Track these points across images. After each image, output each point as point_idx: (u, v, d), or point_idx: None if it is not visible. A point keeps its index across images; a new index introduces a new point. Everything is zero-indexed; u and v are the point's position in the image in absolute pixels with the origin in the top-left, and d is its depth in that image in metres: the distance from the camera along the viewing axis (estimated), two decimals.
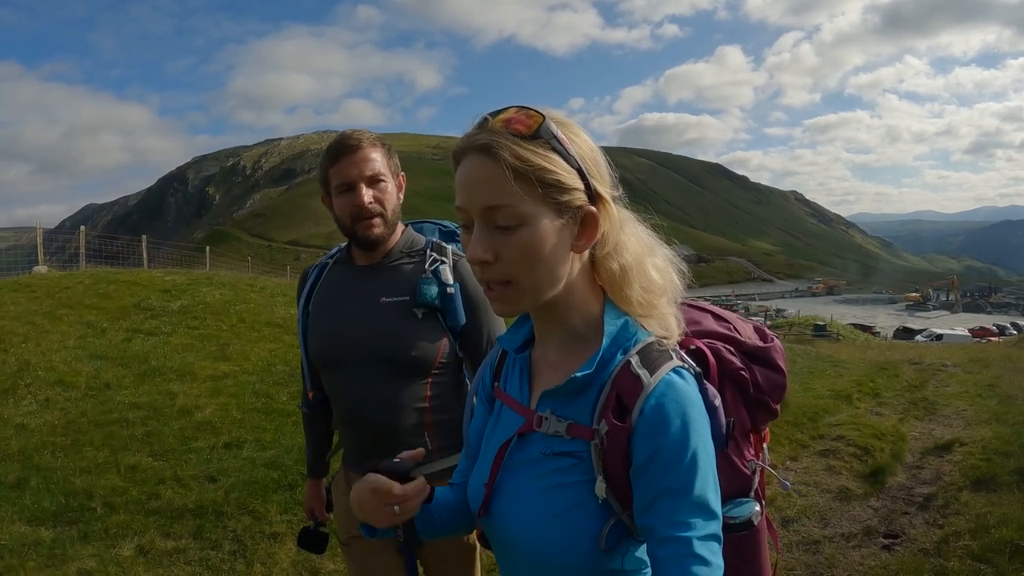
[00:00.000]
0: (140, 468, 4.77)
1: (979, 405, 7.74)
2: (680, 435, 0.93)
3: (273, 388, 6.69)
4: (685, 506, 0.92)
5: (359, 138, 1.84)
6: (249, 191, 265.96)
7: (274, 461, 4.89)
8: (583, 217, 0.99)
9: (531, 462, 1.05)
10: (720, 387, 1.13)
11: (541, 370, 1.12)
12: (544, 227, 0.96)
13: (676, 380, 0.97)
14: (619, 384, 0.98)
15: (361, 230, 1.85)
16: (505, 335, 1.18)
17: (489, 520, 1.11)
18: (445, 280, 1.87)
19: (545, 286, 1.00)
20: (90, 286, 10.56)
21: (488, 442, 1.17)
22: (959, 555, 3.74)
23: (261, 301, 10.79)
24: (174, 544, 3.83)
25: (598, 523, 0.98)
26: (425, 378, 1.87)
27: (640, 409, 0.94)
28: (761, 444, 1.25)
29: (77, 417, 5.70)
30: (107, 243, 18.10)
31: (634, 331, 1.03)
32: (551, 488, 1.02)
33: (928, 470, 5.41)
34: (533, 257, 0.97)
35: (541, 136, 0.95)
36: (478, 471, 1.16)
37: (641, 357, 0.99)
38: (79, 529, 3.95)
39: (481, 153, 0.96)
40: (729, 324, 1.25)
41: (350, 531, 2.00)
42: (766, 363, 1.20)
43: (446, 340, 1.88)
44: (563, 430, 1.02)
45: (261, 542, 3.87)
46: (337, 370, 1.91)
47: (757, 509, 1.15)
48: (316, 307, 1.98)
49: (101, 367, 7.04)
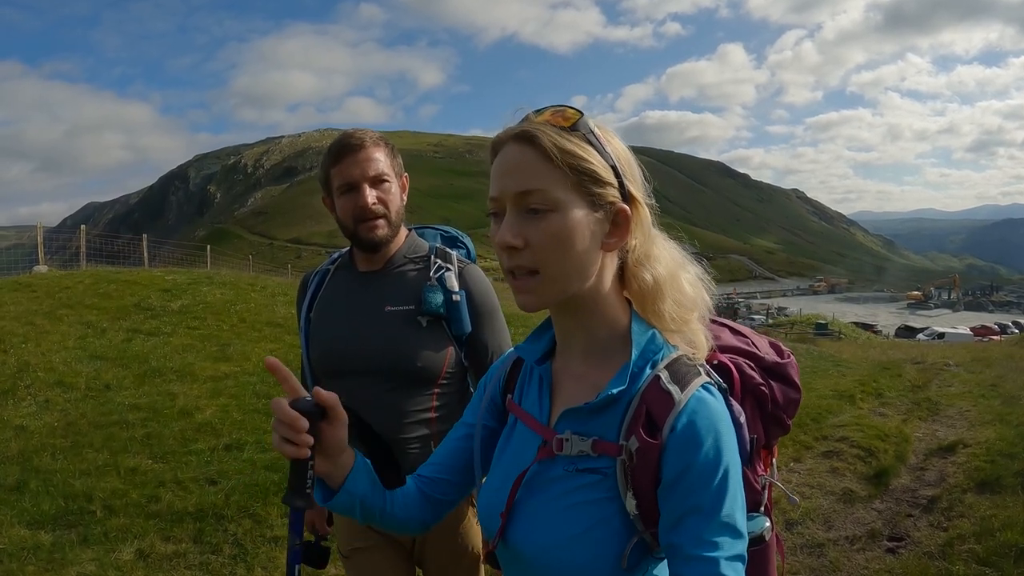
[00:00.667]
0: (140, 470, 4.75)
1: (982, 405, 7.71)
2: (712, 453, 0.92)
3: (274, 389, 6.66)
4: (713, 525, 0.91)
5: (362, 137, 1.79)
6: (250, 189, 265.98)
7: (275, 463, 4.86)
8: (615, 215, 0.99)
9: (552, 480, 1.03)
10: (742, 403, 1.12)
11: (563, 383, 1.09)
12: (576, 216, 0.96)
13: (707, 397, 0.95)
14: (649, 399, 0.96)
15: (364, 232, 1.80)
16: (524, 344, 1.16)
17: (505, 545, 1.08)
18: (451, 288, 1.83)
19: (572, 278, 0.98)
20: (90, 286, 10.53)
21: (500, 460, 1.14)
22: (964, 559, 3.72)
23: (262, 301, 10.78)
24: (174, 548, 3.80)
25: (621, 541, 0.96)
26: (431, 388, 1.83)
27: (671, 426, 0.93)
28: (770, 459, 1.24)
29: (77, 419, 5.68)
30: (108, 242, 18.07)
31: (662, 345, 1.02)
32: (572, 507, 0.99)
33: (932, 472, 5.38)
34: (563, 244, 0.95)
35: (579, 130, 0.97)
36: (491, 494, 1.12)
37: (670, 372, 0.98)
38: (79, 533, 3.93)
39: (519, 141, 0.97)
40: (747, 339, 1.24)
41: (352, 543, 1.96)
42: (783, 379, 1.19)
43: (452, 349, 1.85)
44: (588, 448, 0.99)
45: (262, 546, 3.85)
46: (340, 380, 1.86)
47: (768, 524, 1.15)
48: (318, 315, 1.94)
49: (101, 368, 7.02)
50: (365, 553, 1.94)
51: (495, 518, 1.08)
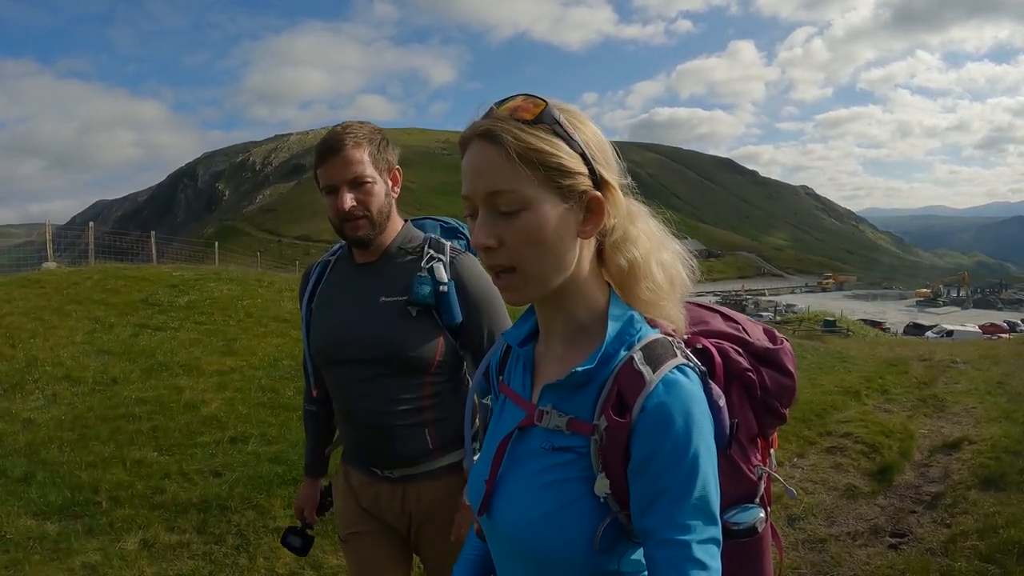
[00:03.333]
0: (146, 462, 4.80)
1: (988, 403, 7.67)
2: (682, 435, 0.91)
3: (279, 383, 6.71)
4: (685, 508, 0.91)
5: (342, 138, 1.79)
6: (259, 186, 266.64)
7: (279, 456, 4.91)
8: (588, 202, 0.99)
9: (530, 456, 1.04)
10: (726, 388, 1.10)
11: (544, 364, 1.11)
12: (547, 211, 0.96)
13: (680, 378, 0.95)
14: (621, 380, 0.97)
15: (348, 230, 1.84)
16: (510, 330, 1.18)
17: (488, 518, 1.10)
18: (439, 278, 1.85)
19: (551, 272, 0.99)
20: (98, 282, 10.60)
21: (491, 437, 1.16)
22: (966, 555, 3.71)
23: (269, 296, 10.82)
24: (178, 538, 3.84)
25: (593, 521, 0.97)
26: (424, 377, 1.85)
27: (641, 406, 0.93)
28: (768, 450, 1.22)
29: (84, 412, 5.73)
30: (116, 239, 18.18)
31: (639, 327, 1.02)
32: (547, 484, 1.00)
33: (936, 468, 5.36)
34: (537, 242, 0.97)
35: (544, 121, 0.96)
36: (479, 467, 1.14)
37: (645, 354, 0.98)
38: (84, 523, 3.97)
39: (484, 139, 0.97)
40: (738, 325, 1.22)
41: (350, 527, 2.00)
42: (775, 365, 1.17)
43: (443, 339, 1.86)
44: (563, 425, 1.01)
45: (264, 536, 3.88)
46: (337, 369, 1.91)
47: (761, 516, 1.11)
48: (318, 305, 1.97)
49: (108, 362, 7.07)
50: (363, 537, 1.97)
51: (480, 486, 1.10)
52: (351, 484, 2.00)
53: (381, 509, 1.95)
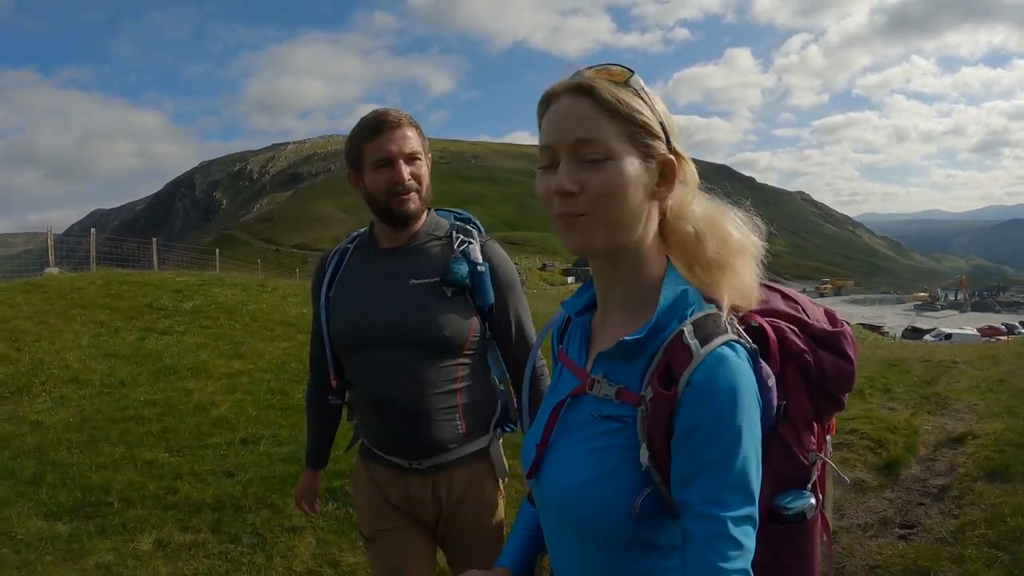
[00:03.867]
0: (157, 464, 4.80)
1: (990, 400, 7.69)
2: (726, 410, 0.91)
3: (288, 385, 6.71)
4: (723, 484, 0.90)
5: (398, 116, 1.83)
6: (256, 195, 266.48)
7: (292, 456, 4.91)
8: (663, 166, 1.02)
9: (580, 423, 1.06)
10: (781, 369, 1.08)
11: (599, 335, 1.12)
12: (629, 166, 0.99)
13: (728, 353, 0.95)
14: (670, 353, 0.97)
15: (396, 204, 1.83)
16: (569, 300, 1.20)
17: (536, 482, 1.12)
18: (475, 259, 1.87)
19: (623, 225, 1.01)
20: (102, 287, 10.61)
21: (546, 403, 1.17)
22: (975, 543, 3.73)
23: (273, 301, 10.83)
24: (193, 538, 3.84)
25: (634, 490, 0.97)
26: (457, 358, 1.86)
27: (688, 380, 0.93)
28: (825, 436, 1.19)
29: (92, 414, 5.74)
30: (117, 246, 18.17)
31: (693, 301, 1.03)
32: (594, 451, 1.02)
33: (942, 462, 5.38)
34: (617, 193, 0.98)
35: (631, 86, 1.01)
36: (532, 432, 1.16)
37: (696, 327, 0.98)
38: (96, 523, 3.96)
39: (576, 92, 1.00)
40: (798, 305, 1.20)
41: (376, 525, 1.96)
42: (833, 349, 1.14)
43: (476, 319, 1.88)
44: (612, 394, 1.02)
45: (280, 535, 3.88)
46: (363, 353, 1.88)
47: (812, 503, 1.09)
48: (340, 291, 1.95)
49: (115, 365, 7.08)
50: (390, 535, 1.94)
51: (531, 449, 1.13)
52: (374, 479, 1.97)
53: (411, 502, 1.93)
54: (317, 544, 3.78)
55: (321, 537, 3.86)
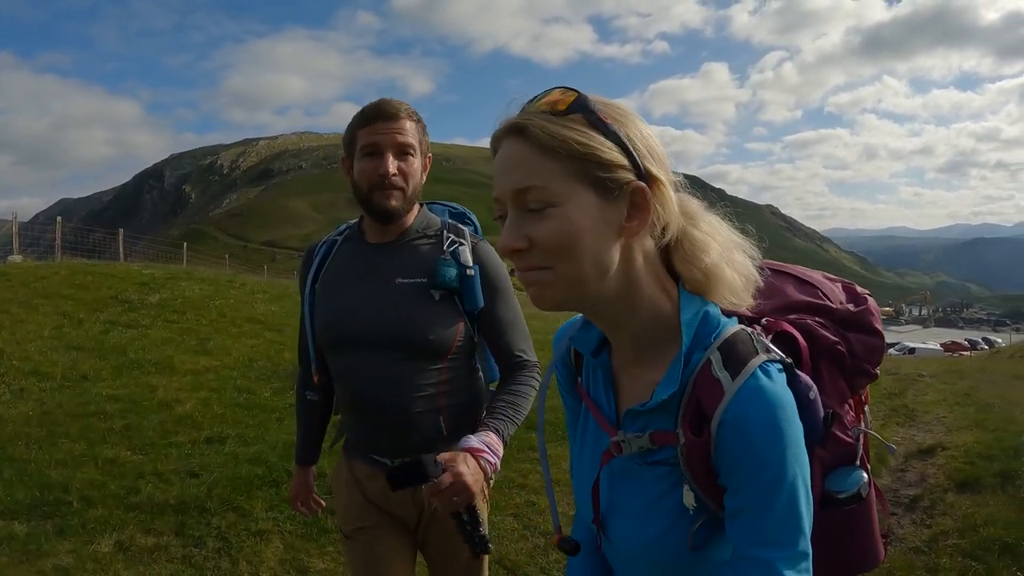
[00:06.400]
0: (119, 462, 4.65)
1: (958, 412, 7.80)
2: (765, 446, 0.85)
3: (255, 384, 6.59)
4: (769, 523, 0.86)
5: (397, 107, 1.76)
6: (226, 190, 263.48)
7: (258, 457, 4.79)
8: (631, 196, 0.90)
9: (629, 474, 1.01)
10: (815, 366, 1.04)
11: (622, 379, 1.04)
12: (579, 207, 0.88)
13: (762, 383, 0.87)
14: (699, 387, 0.91)
15: (378, 199, 1.76)
16: (577, 334, 1.08)
17: (606, 536, 1.07)
18: (464, 262, 1.80)
19: (587, 274, 0.90)
20: (67, 277, 10.36)
21: (581, 455, 1.11)
22: (949, 553, 3.77)
23: (241, 297, 10.67)
24: (155, 541, 3.70)
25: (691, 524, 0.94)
26: (441, 362, 1.80)
27: (720, 419, 0.87)
28: (862, 407, 1.16)
29: (53, 408, 5.56)
30: (83, 236, 17.82)
31: (715, 323, 0.95)
32: (651, 504, 0.97)
33: (912, 473, 5.43)
34: (566, 242, 0.88)
35: (576, 111, 0.89)
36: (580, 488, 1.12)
37: (723, 355, 0.90)
38: (55, 523, 3.81)
39: (511, 134, 0.91)
40: (816, 290, 1.14)
41: (355, 522, 1.91)
42: (862, 327, 1.10)
43: (463, 324, 1.82)
44: (646, 442, 0.95)
45: (247, 540, 3.76)
46: (347, 352, 1.83)
47: (865, 479, 1.06)
48: (325, 285, 1.89)
49: (78, 358, 6.89)
50: (370, 533, 1.89)
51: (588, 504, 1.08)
52: (356, 477, 1.92)
53: (390, 502, 1.87)
54: (284, 549, 3.68)
55: (288, 542, 3.76)
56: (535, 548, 3.87)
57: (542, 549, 3.85)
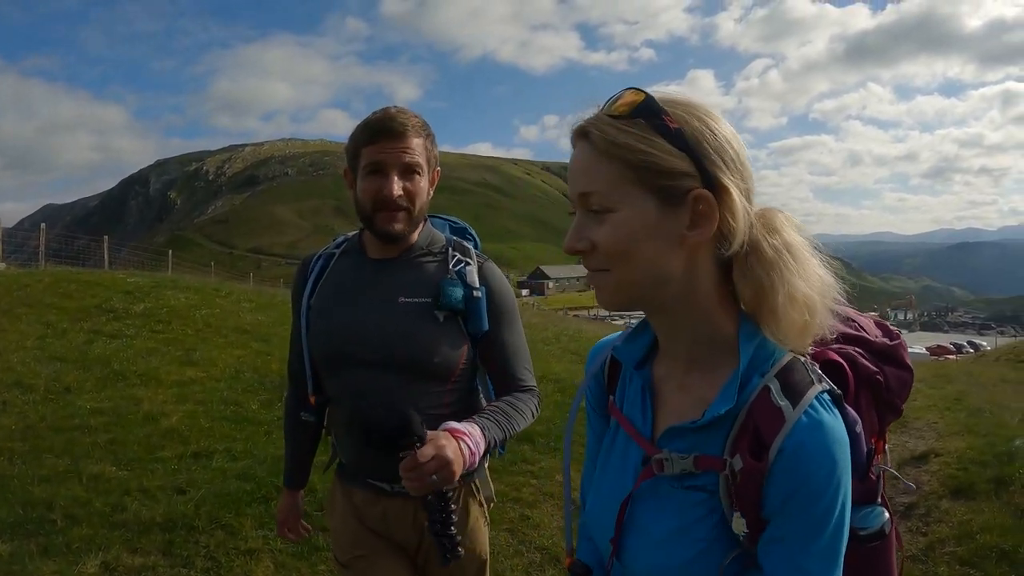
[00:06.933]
0: (104, 477, 4.53)
1: (949, 418, 7.81)
2: (821, 479, 0.86)
3: (243, 396, 6.48)
4: (812, 553, 0.87)
5: (404, 123, 1.67)
6: (211, 197, 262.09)
7: (246, 472, 4.69)
8: (694, 203, 0.88)
9: (661, 496, 0.97)
10: (856, 396, 1.03)
11: (666, 392, 1.02)
12: (637, 213, 0.89)
13: (824, 417, 0.88)
14: (757, 414, 0.89)
15: (380, 221, 1.70)
16: (621, 345, 1.07)
17: (619, 560, 1.02)
18: (471, 283, 1.74)
19: (643, 280, 0.91)
20: (50, 285, 10.17)
21: (604, 471, 1.07)
22: (946, 561, 3.78)
23: (228, 306, 10.53)
24: (142, 560, 3.60)
25: (725, 555, 0.92)
26: (445, 384, 1.74)
27: (780, 447, 0.87)
28: (883, 445, 1.15)
29: (36, 422, 5.42)
30: (67, 243, 17.64)
31: (772, 349, 0.94)
32: (681, 530, 0.94)
33: (906, 480, 5.42)
34: (620, 248, 0.89)
35: (639, 116, 0.89)
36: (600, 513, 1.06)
37: (781, 383, 0.90)
38: (38, 543, 3.69)
39: (579, 138, 0.93)
40: (855, 323, 1.14)
41: (353, 550, 1.84)
42: (895, 362, 1.10)
43: (467, 346, 1.76)
44: (690, 465, 0.92)
45: (236, 559, 3.67)
46: (345, 372, 1.75)
47: (887, 517, 1.06)
48: (323, 301, 1.81)
49: (61, 369, 6.74)
50: (366, 561, 1.82)
51: (605, 542, 1.03)
52: (353, 503, 1.85)
53: (390, 527, 1.82)
54: (275, 568, 3.60)
55: (280, 561, 3.67)
56: (531, 564, 3.81)
57: (538, 565, 3.80)
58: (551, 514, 4.37)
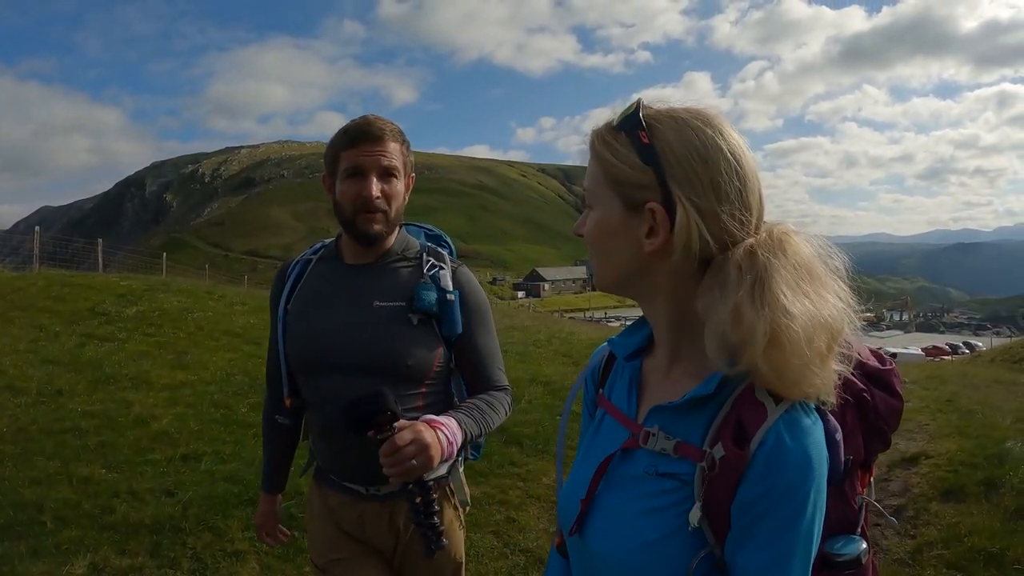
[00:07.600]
0: (93, 480, 4.55)
1: (940, 419, 7.82)
2: (795, 479, 0.87)
3: (232, 399, 6.48)
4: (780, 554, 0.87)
5: (382, 128, 1.72)
6: (207, 199, 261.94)
7: (234, 475, 4.70)
8: (649, 214, 0.94)
9: (632, 480, 0.99)
10: (842, 412, 1.03)
11: (651, 381, 1.05)
12: (606, 213, 0.98)
13: (801, 419, 0.90)
14: (741, 407, 0.91)
15: (361, 223, 1.73)
16: (617, 338, 1.13)
17: (580, 539, 1.04)
18: (445, 286, 1.77)
19: (611, 273, 1.02)
20: (43, 288, 10.19)
21: (587, 453, 1.09)
22: (934, 564, 3.77)
23: (220, 309, 10.54)
24: (130, 562, 3.62)
25: (690, 553, 0.92)
26: (418, 387, 1.76)
27: (761, 439, 0.88)
28: (868, 478, 1.15)
29: (27, 424, 5.44)
30: (62, 246, 17.61)
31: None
32: (648, 511, 0.95)
33: (896, 482, 5.42)
34: (593, 239, 1.01)
35: (623, 128, 0.97)
36: (573, 484, 1.08)
37: None
38: (28, 544, 3.71)
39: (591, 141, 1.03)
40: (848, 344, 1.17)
41: (330, 554, 1.85)
42: (885, 387, 1.10)
43: (441, 349, 1.78)
44: (670, 448, 0.95)
45: (222, 561, 3.69)
46: (321, 376, 1.78)
47: (865, 547, 1.06)
48: (299, 306, 1.84)
49: (53, 372, 6.76)
50: (344, 564, 1.83)
51: (575, 504, 1.04)
52: (329, 506, 1.87)
53: (366, 531, 1.83)
54: (261, 570, 3.61)
55: (265, 563, 3.69)
56: (515, 567, 3.82)
57: (521, 568, 3.80)
58: (537, 516, 4.39)
